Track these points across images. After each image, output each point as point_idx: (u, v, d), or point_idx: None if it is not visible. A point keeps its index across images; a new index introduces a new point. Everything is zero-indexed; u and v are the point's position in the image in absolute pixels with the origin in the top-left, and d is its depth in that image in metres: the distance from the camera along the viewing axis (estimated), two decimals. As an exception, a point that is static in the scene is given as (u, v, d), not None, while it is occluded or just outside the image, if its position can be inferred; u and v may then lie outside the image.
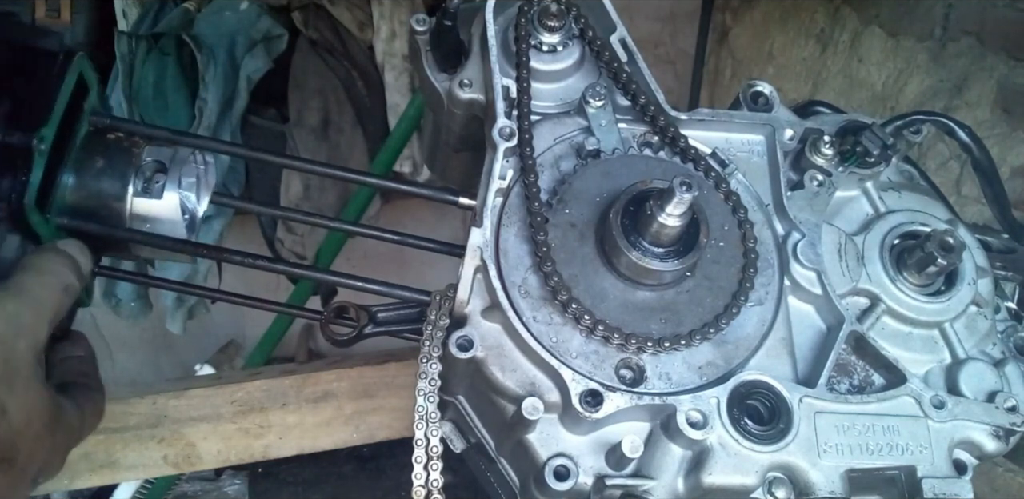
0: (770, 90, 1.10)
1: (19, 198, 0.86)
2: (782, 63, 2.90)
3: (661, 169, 0.99)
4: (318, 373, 1.52)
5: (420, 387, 0.91)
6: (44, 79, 0.91)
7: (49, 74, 0.91)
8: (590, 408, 0.86)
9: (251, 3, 3.17)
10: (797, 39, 2.79)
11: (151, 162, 0.98)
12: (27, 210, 0.87)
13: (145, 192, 0.97)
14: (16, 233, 0.89)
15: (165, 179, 0.98)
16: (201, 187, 0.99)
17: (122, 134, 1.00)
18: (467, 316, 0.91)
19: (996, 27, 1.95)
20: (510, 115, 0.96)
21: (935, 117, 1.08)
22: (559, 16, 1.02)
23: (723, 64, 3.35)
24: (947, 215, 1.12)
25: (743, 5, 3.23)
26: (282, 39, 3.25)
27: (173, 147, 1.00)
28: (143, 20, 3.16)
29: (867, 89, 2.39)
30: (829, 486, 0.90)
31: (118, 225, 0.97)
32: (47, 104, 0.89)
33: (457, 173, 1.23)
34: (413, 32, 1.06)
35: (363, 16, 3.30)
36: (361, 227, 1.06)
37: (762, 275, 0.98)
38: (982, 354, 1.07)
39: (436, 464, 0.91)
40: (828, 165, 1.07)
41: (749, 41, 3.15)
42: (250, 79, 3.12)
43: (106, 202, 0.97)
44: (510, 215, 0.95)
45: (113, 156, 0.98)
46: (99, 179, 0.97)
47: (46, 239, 0.93)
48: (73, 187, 0.96)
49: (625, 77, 1.01)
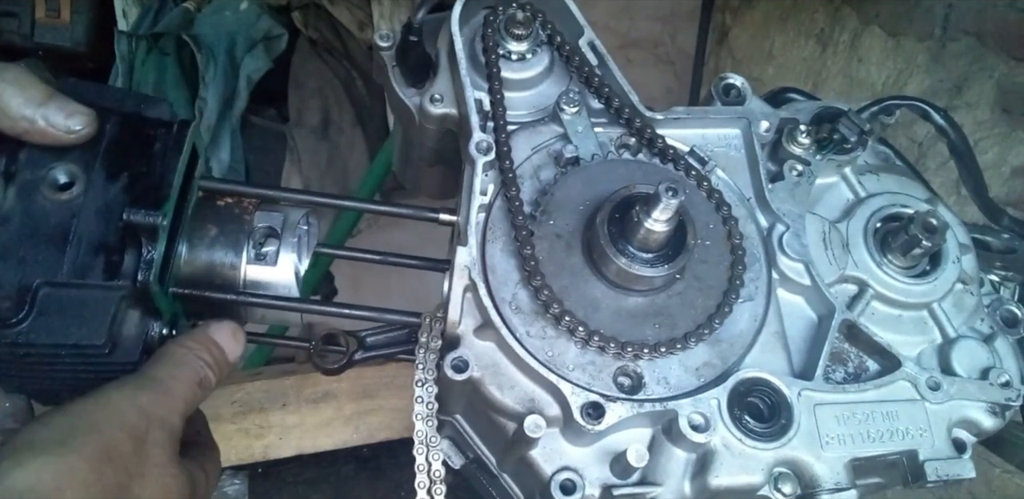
0: (742, 82, 1.09)
1: (144, 276, 0.85)
2: (782, 63, 2.88)
3: (642, 172, 0.99)
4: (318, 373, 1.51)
5: (418, 411, 0.91)
6: (161, 151, 0.89)
7: (165, 145, 0.89)
8: (592, 420, 0.85)
9: (251, 3, 3.14)
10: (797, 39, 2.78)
11: (263, 228, 0.98)
12: (150, 287, 0.86)
13: (259, 259, 0.97)
14: (137, 308, 0.88)
15: (279, 245, 0.98)
16: (303, 248, 0.99)
17: (231, 199, 0.99)
18: (460, 336, 0.90)
19: (996, 27, 1.94)
20: (485, 128, 0.95)
21: (910, 101, 1.08)
22: (525, 24, 1.00)
23: (723, 64, 3.33)
24: (926, 194, 1.13)
25: (743, 5, 3.20)
26: (282, 39, 3.22)
27: (282, 210, 0.99)
28: (143, 20, 3.12)
29: (867, 89, 2.38)
30: (834, 477, 0.91)
31: (232, 291, 0.96)
32: (165, 177, 0.88)
33: (431, 186, 1.22)
34: (378, 48, 1.04)
35: (363, 16, 3.27)
36: (343, 249, 1.05)
37: (750, 270, 0.98)
38: (971, 331, 1.08)
39: (440, 488, 0.91)
40: (806, 154, 1.06)
41: (749, 41, 3.13)
42: (250, 79, 3.10)
43: (221, 271, 0.96)
44: (494, 230, 0.94)
45: (225, 223, 0.97)
46: (213, 249, 0.96)
47: (165, 313, 0.92)
48: (188, 258, 0.95)
49: (597, 81, 1.00)
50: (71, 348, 0.83)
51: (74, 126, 0.85)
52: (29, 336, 0.81)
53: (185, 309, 0.98)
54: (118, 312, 0.84)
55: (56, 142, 0.85)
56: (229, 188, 0.99)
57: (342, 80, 3.28)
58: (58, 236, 0.84)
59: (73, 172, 0.86)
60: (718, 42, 3.35)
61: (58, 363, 0.84)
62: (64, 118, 0.84)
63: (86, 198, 0.86)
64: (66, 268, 0.83)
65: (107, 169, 0.87)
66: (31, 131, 0.84)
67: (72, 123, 0.85)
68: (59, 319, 0.82)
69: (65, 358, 0.84)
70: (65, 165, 0.86)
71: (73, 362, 0.85)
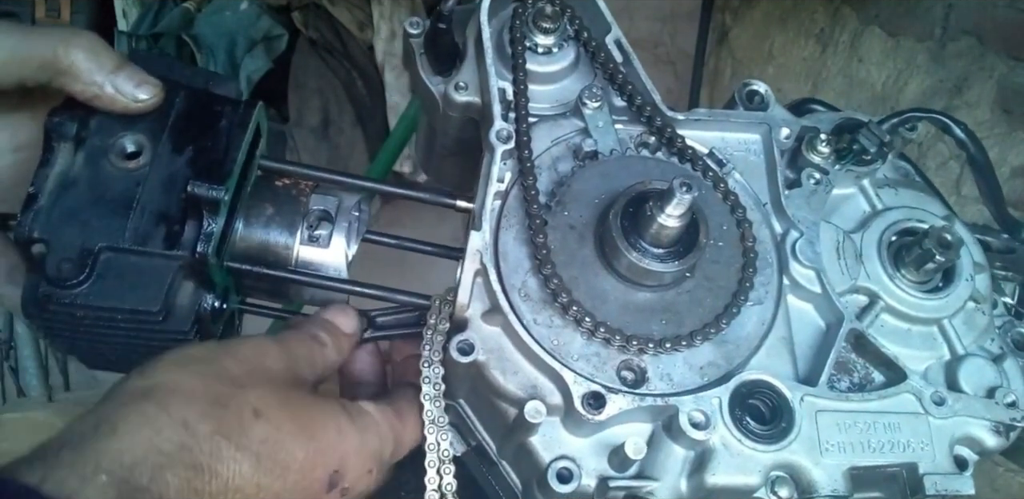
0: (765, 89, 1.10)
1: (203, 247, 0.87)
2: (782, 63, 2.90)
3: (659, 169, 0.99)
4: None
5: (426, 391, 0.92)
6: (227, 127, 0.91)
7: (231, 123, 0.92)
8: (592, 410, 0.86)
9: (251, 3, 3.18)
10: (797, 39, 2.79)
11: (318, 211, 1.00)
12: (207, 259, 0.88)
13: (312, 240, 0.99)
14: (192, 279, 0.90)
15: (332, 228, 1.00)
16: (353, 233, 1.01)
17: (289, 180, 1.01)
18: (467, 320, 0.90)
19: (996, 27, 1.95)
20: (507, 118, 0.96)
21: (931, 114, 1.09)
22: (554, 18, 1.01)
23: (723, 64, 3.34)
24: (943, 211, 1.12)
25: (743, 5, 3.22)
26: (282, 39, 3.25)
27: (337, 195, 1.02)
28: (143, 20, 3.16)
29: (867, 89, 2.39)
30: (832, 484, 0.90)
31: (284, 269, 0.98)
32: (229, 153, 0.90)
33: (452, 175, 1.23)
34: (407, 35, 1.05)
35: (363, 16, 3.31)
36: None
37: (761, 274, 0.98)
38: (981, 350, 1.07)
39: (449, 468, 0.91)
40: (825, 163, 1.07)
41: (749, 41, 3.14)
42: (250, 79, 3.13)
43: (274, 249, 0.99)
44: (509, 218, 0.95)
45: (282, 204, 0.99)
46: (268, 228, 0.98)
47: (219, 286, 0.94)
48: (243, 234, 0.97)
49: (621, 78, 1.01)
50: (127, 312, 0.85)
51: (141, 95, 0.87)
52: (88, 298, 0.83)
53: (237, 284, 1.00)
54: (174, 281, 0.86)
55: (123, 110, 0.88)
56: (289, 169, 1.01)
57: (342, 80, 3.31)
58: (122, 203, 0.86)
59: (141, 142, 0.89)
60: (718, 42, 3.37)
61: (112, 327, 0.86)
62: (133, 87, 0.87)
63: (151, 168, 0.88)
64: (128, 235, 0.85)
65: (173, 141, 0.89)
66: (101, 97, 0.86)
67: (140, 92, 0.87)
68: (117, 283, 0.84)
69: (120, 322, 0.86)
70: (134, 134, 0.89)
71: (127, 327, 0.87)
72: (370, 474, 0.88)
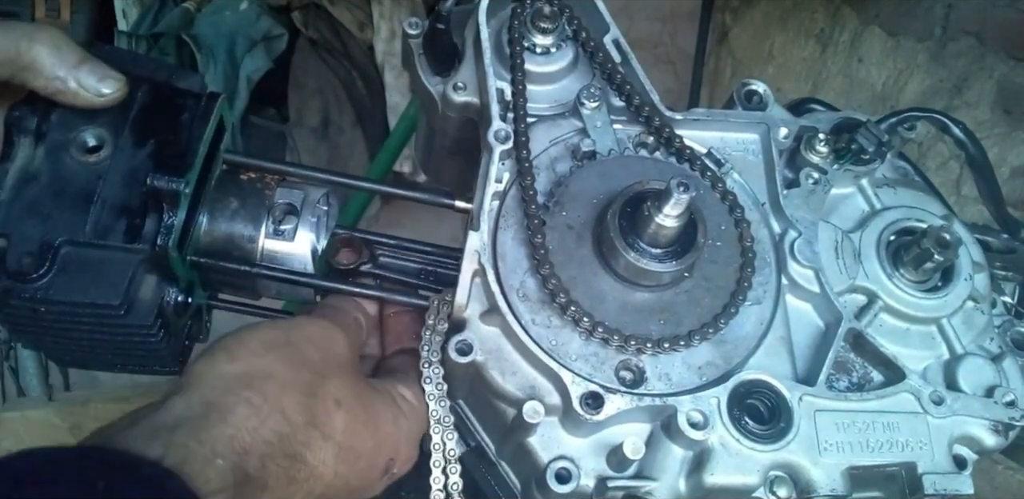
0: (764, 89, 1.10)
1: (163, 240, 0.87)
2: (782, 63, 2.90)
3: (657, 170, 0.99)
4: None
5: (429, 391, 0.92)
6: (188, 121, 0.91)
7: (193, 116, 0.92)
8: (591, 410, 0.86)
9: (251, 3, 3.18)
10: (797, 39, 2.79)
11: (283, 204, 1.00)
12: (168, 252, 0.88)
13: (277, 234, 0.99)
14: (154, 273, 0.90)
15: (297, 222, 0.99)
16: (321, 227, 1.01)
17: (254, 174, 1.01)
18: (466, 320, 0.91)
19: (996, 27, 1.95)
20: (505, 118, 0.96)
21: (930, 114, 1.09)
22: (552, 18, 1.01)
23: (723, 64, 3.35)
24: (942, 211, 1.12)
25: (743, 5, 3.22)
26: (282, 39, 3.26)
27: (303, 188, 1.01)
28: (143, 20, 3.17)
29: (867, 89, 2.39)
30: (830, 484, 0.90)
31: (248, 263, 0.98)
32: (190, 146, 0.90)
33: (451, 176, 1.23)
34: (406, 36, 1.05)
35: (363, 16, 3.31)
36: (357, 231, 1.06)
37: (760, 274, 0.98)
38: (980, 349, 1.07)
39: (455, 467, 0.92)
40: (823, 163, 1.07)
41: (749, 41, 3.15)
42: (250, 79, 3.13)
43: (239, 243, 0.98)
44: (507, 218, 0.95)
45: (247, 197, 0.99)
46: (233, 221, 0.98)
47: (182, 280, 0.94)
48: (208, 228, 0.97)
49: (619, 78, 1.01)
50: (87, 307, 0.84)
51: (105, 89, 0.87)
52: (48, 292, 0.83)
53: (202, 279, 1.00)
54: (136, 274, 0.85)
55: (86, 104, 0.88)
56: (253, 163, 1.01)
57: (342, 80, 3.31)
58: (83, 197, 0.86)
59: (102, 136, 0.88)
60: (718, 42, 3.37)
61: (74, 321, 0.86)
62: (96, 81, 0.87)
63: (112, 162, 0.88)
64: (88, 228, 0.85)
65: (135, 135, 0.89)
66: (63, 92, 0.86)
67: (103, 86, 0.87)
68: (78, 277, 0.83)
69: (81, 317, 0.85)
70: (95, 128, 0.88)
71: (89, 321, 0.86)
72: (412, 459, 0.94)
